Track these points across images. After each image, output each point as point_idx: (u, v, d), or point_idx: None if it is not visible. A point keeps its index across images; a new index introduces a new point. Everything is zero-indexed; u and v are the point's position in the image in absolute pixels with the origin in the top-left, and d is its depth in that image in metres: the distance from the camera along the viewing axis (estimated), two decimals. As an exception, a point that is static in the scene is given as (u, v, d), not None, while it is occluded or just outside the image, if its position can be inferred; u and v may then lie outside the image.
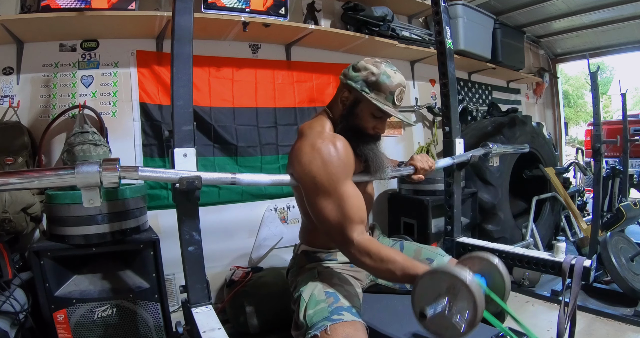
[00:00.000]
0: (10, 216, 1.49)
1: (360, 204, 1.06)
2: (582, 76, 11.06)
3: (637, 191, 3.35)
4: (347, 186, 1.06)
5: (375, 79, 1.09)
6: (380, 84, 1.09)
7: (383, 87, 1.09)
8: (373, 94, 1.09)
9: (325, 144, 1.05)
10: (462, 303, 0.79)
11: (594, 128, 2.18)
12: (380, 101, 1.09)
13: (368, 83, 1.10)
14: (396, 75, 1.11)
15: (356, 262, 1.03)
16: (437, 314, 0.81)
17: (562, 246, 1.41)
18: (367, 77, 1.10)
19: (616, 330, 1.78)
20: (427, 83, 3.16)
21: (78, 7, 1.71)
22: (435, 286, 0.83)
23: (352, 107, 1.13)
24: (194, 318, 1.00)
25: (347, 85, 1.13)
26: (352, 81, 1.12)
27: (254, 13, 2.02)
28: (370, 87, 1.09)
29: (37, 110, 1.87)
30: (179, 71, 1.05)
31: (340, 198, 1.02)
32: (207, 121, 2.12)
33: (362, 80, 1.10)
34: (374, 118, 1.13)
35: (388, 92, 1.09)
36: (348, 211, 1.02)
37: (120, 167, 0.92)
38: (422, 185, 2.30)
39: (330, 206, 1.02)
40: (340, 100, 1.16)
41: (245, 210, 2.26)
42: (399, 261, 0.94)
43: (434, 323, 0.82)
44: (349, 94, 1.14)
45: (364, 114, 1.13)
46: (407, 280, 0.92)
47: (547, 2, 3.29)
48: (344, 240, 1.02)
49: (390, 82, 1.09)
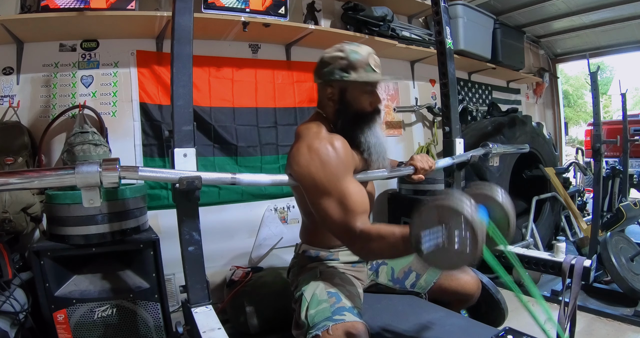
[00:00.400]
0: (10, 216, 1.49)
1: (363, 198, 1.05)
2: (582, 76, 11.07)
3: (637, 191, 3.35)
4: (348, 183, 1.04)
5: (347, 61, 1.09)
6: (353, 62, 1.09)
7: (358, 64, 1.09)
8: (354, 74, 1.10)
9: (322, 144, 1.05)
10: (456, 227, 0.71)
11: (594, 128, 2.17)
12: (362, 75, 1.10)
13: (343, 68, 1.10)
14: (361, 47, 1.12)
15: (365, 254, 0.98)
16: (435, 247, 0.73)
17: (562, 246, 1.42)
18: (339, 63, 1.10)
19: (616, 330, 1.78)
20: (427, 83, 3.16)
21: (77, 7, 1.71)
22: (427, 221, 0.75)
23: (342, 98, 1.13)
24: (194, 318, 1.00)
25: (326, 82, 1.14)
26: (328, 76, 1.12)
27: (253, 13, 2.02)
28: (346, 70, 1.10)
29: (37, 110, 1.87)
30: (179, 71, 1.04)
31: (342, 196, 1.01)
32: (207, 121, 2.12)
33: (336, 69, 1.11)
34: (367, 95, 1.13)
35: (365, 64, 1.10)
36: (351, 206, 1.00)
37: (120, 167, 0.92)
38: (422, 185, 2.30)
39: (333, 206, 1.01)
40: (327, 99, 1.16)
41: (245, 210, 2.26)
42: (397, 232, 0.88)
43: (438, 257, 0.74)
44: (332, 89, 1.14)
45: (356, 96, 1.13)
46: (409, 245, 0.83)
47: (547, 2, 3.29)
48: (349, 235, 0.99)
49: (360, 56, 1.10)
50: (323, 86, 1.16)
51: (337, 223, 1.01)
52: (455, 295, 1.26)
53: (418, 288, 1.27)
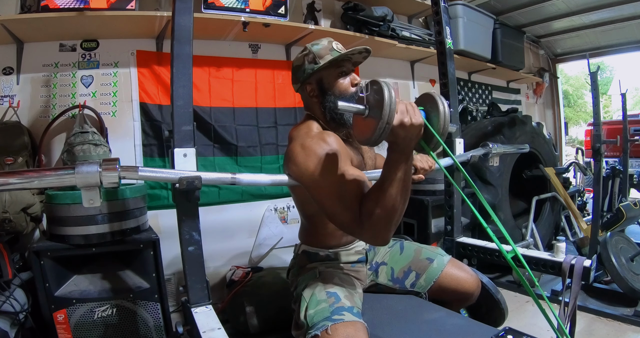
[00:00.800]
0: (10, 216, 1.50)
1: (363, 185, 1.00)
2: (582, 76, 11.07)
3: (637, 191, 3.35)
4: (346, 171, 1.01)
5: (312, 54, 1.13)
6: (317, 51, 1.13)
7: (322, 51, 1.13)
8: (322, 61, 1.12)
9: (314, 141, 1.05)
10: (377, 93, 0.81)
11: (594, 127, 2.17)
12: (330, 59, 1.12)
13: (310, 61, 1.14)
14: (321, 39, 1.16)
15: (377, 231, 0.93)
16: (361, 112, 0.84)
17: (562, 246, 1.42)
18: (306, 59, 1.14)
19: (616, 330, 1.78)
20: (427, 83, 3.16)
21: (77, 7, 1.72)
22: None
23: (321, 89, 1.15)
24: (194, 318, 1.00)
25: (303, 82, 1.17)
26: (302, 75, 1.16)
27: (253, 13, 2.02)
28: (315, 61, 1.13)
29: (37, 110, 1.87)
30: (179, 71, 1.05)
31: (345, 189, 0.98)
32: (207, 121, 2.12)
33: (306, 65, 1.14)
34: (343, 76, 1.15)
35: (328, 51, 1.13)
36: (355, 196, 0.97)
37: (120, 167, 0.92)
38: (422, 185, 2.30)
39: (337, 199, 0.98)
40: (309, 98, 1.18)
41: (245, 210, 2.26)
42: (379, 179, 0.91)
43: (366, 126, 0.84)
44: (310, 86, 1.16)
45: (333, 81, 1.14)
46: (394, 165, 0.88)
47: (547, 2, 3.29)
48: (356, 223, 0.95)
49: (322, 44, 1.14)
50: (303, 88, 1.19)
51: (343, 216, 0.97)
52: (455, 294, 1.26)
53: (418, 288, 1.27)
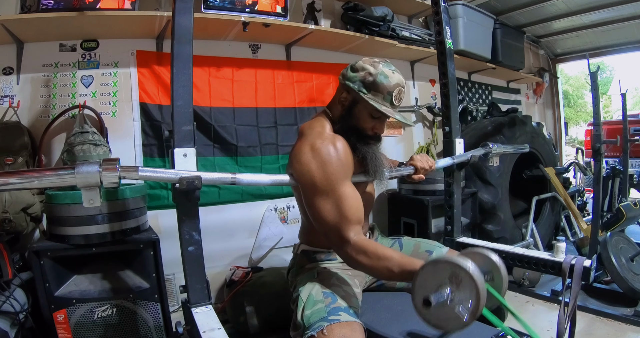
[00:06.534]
0: (10, 216, 1.50)
1: (358, 205, 1.06)
2: (582, 76, 11.07)
3: (637, 191, 3.35)
4: (346, 186, 1.05)
5: (373, 80, 1.08)
6: (377, 84, 1.08)
7: (380, 88, 1.08)
8: (370, 95, 1.09)
9: (324, 144, 1.05)
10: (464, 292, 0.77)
11: (594, 128, 2.17)
12: (377, 101, 1.09)
13: (365, 84, 1.09)
14: (394, 75, 1.10)
15: (352, 262, 1.02)
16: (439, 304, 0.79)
17: (562, 246, 1.42)
18: (365, 77, 1.09)
19: (616, 330, 1.78)
20: (427, 83, 3.16)
21: (77, 7, 1.71)
22: (437, 275, 0.80)
23: (351, 108, 1.13)
24: (194, 318, 1.00)
25: (345, 86, 1.13)
26: (350, 82, 1.11)
27: (253, 13, 2.02)
28: (367, 88, 1.09)
29: (37, 110, 1.86)
30: (179, 71, 1.05)
31: (338, 198, 1.02)
32: (207, 121, 2.12)
33: (359, 80, 1.10)
34: (372, 119, 1.13)
35: (386, 92, 1.09)
36: (346, 211, 1.01)
37: (120, 167, 0.92)
38: (422, 185, 2.30)
39: (328, 207, 1.02)
40: (339, 101, 1.16)
41: (245, 210, 2.26)
42: (395, 258, 0.93)
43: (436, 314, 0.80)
44: (347, 95, 1.14)
45: (362, 114, 1.12)
46: (405, 276, 0.91)
47: (547, 2, 3.29)
48: (340, 240, 1.01)
49: (388, 82, 1.08)
50: (342, 87, 1.16)
51: (329, 225, 1.02)
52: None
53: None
